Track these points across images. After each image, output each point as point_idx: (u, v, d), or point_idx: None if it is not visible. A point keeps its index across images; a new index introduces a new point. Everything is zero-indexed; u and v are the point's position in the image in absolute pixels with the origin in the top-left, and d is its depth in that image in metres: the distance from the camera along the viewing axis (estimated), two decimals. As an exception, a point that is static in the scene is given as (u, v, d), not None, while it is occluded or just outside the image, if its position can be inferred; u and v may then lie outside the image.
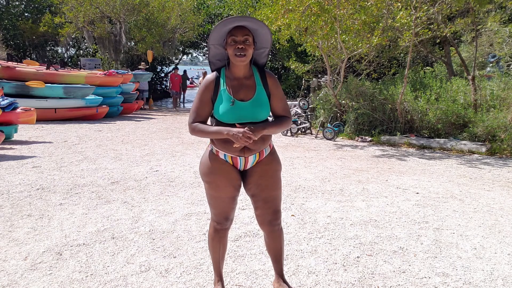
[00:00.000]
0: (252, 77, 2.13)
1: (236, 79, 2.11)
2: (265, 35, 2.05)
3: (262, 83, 2.14)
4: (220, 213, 2.24)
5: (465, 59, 9.74)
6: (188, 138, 8.32)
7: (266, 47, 2.13)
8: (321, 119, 9.81)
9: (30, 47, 20.41)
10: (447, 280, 2.63)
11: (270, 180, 2.21)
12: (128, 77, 12.38)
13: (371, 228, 3.53)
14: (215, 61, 2.16)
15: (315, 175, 5.44)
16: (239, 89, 2.09)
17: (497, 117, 7.43)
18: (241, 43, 1.99)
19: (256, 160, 2.19)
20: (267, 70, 2.19)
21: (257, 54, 2.15)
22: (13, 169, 5.37)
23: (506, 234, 3.45)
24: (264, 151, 2.20)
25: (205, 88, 2.10)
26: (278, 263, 2.36)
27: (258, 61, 2.19)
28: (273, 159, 2.25)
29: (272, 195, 2.22)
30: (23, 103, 8.67)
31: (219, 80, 2.11)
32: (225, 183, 2.15)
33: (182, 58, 23.78)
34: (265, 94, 2.13)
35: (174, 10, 16.18)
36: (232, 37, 1.99)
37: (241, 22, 1.98)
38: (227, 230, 2.33)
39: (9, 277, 2.58)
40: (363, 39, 8.31)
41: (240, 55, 1.99)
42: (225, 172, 2.15)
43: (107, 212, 3.81)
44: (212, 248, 2.33)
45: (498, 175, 5.61)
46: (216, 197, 2.19)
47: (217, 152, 2.16)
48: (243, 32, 1.99)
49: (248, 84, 2.11)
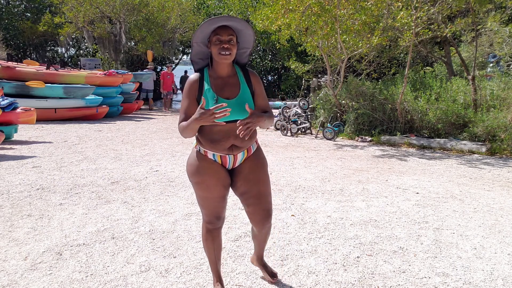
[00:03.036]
0: (235, 75, 2.16)
1: (219, 77, 2.13)
2: (249, 36, 2.09)
3: (246, 81, 2.16)
4: (211, 213, 2.25)
5: (465, 59, 9.74)
6: (188, 138, 8.31)
7: (248, 48, 2.17)
8: (321, 119, 9.81)
9: (30, 47, 20.42)
10: (447, 280, 2.63)
11: (259, 174, 2.24)
12: (128, 77, 12.38)
13: (371, 228, 3.53)
14: (197, 60, 2.17)
15: (315, 175, 5.44)
16: (224, 88, 2.11)
17: (497, 117, 7.43)
18: (226, 42, 2.00)
19: (244, 157, 2.23)
20: (249, 69, 2.22)
21: (239, 54, 2.17)
22: (13, 169, 5.37)
23: (506, 234, 3.45)
24: (252, 148, 2.25)
25: (190, 88, 2.11)
26: (260, 248, 2.52)
27: (240, 61, 2.21)
28: (259, 155, 2.29)
29: (263, 191, 2.24)
30: (23, 103, 8.67)
31: (203, 80, 2.12)
32: (215, 182, 2.17)
33: (182, 58, 23.76)
34: (249, 92, 2.15)
35: (174, 10, 16.18)
36: (217, 36, 2.01)
37: (227, 22, 2.00)
38: (219, 229, 2.33)
39: (9, 277, 2.58)
40: (363, 39, 8.30)
41: (224, 54, 2.01)
42: (214, 171, 2.17)
43: (107, 212, 3.81)
44: (207, 248, 2.34)
45: (498, 175, 5.61)
46: (207, 197, 2.20)
47: (205, 152, 2.18)
48: (228, 32, 2.01)
49: (232, 82, 2.13)
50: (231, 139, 2.10)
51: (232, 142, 2.11)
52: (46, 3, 19.56)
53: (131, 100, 13.18)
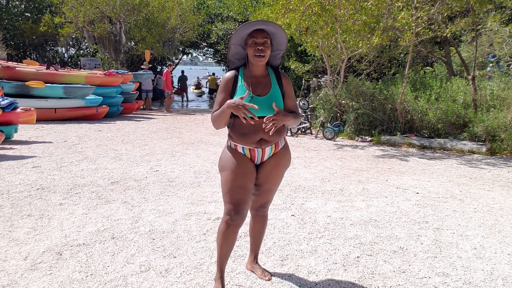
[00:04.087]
0: (268, 76, 2.31)
1: (253, 77, 2.28)
2: (282, 38, 2.23)
3: (277, 82, 2.31)
4: (233, 203, 2.26)
5: (465, 59, 9.74)
6: (188, 138, 8.32)
7: (281, 50, 2.31)
8: (321, 119, 9.81)
9: (30, 47, 20.40)
10: (447, 280, 2.63)
11: (278, 173, 2.38)
12: (128, 77, 12.38)
13: (371, 228, 3.53)
14: (234, 60, 2.33)
15: (315, 175, 5.44)
16: (256, 86, 2.25)
17: (497, 117, 7.43)
18: (261, 44, 2.16)
19: (272, 152, 2.33)
20: (281, 72, 2.38)
21: (273, 56, 2.32)
22: (13, 169, 5.37)
23: (506, 234, 3.45)
24: (280, 143, 2.35)
25: (225, 84, 2.28)
26: (256, 246, 2.62)
27: (273, 62, 2.36)
28: (286, 153, 2.40)
29: (272, 189, 2.42)
30: (23, 103, 8.67)
31: (238, 77, 2.28)
32: (242, 173, 2.27)
33: (182, 58, 23.77)
34: (280, 92, 2.28)
35: (174, 10, 16.17)
36: (252, 39, 2.16)
37: (262, 26, 2.16)
38: (237, 228, 2.31)
39: (9, 277, 2.58)
40: (363, 39, 8.30)
41: (259, 56, 2.16)
42: (243, 164, 2.28)
43: (107, 212, 3.81)
44: (219, 243, 2.35)
45: (498, 175, 5.61)
46: (232, 185, 2.26)
47: (235, 146, 2.30)
48: (263, 35, 2.16)
49: (264, 81, 2.28)
50: (260, 133, 2.22)
51: (261, 136, 2.22)
52: (46, 3, 19.56)
53: (131, 100, 13.18)
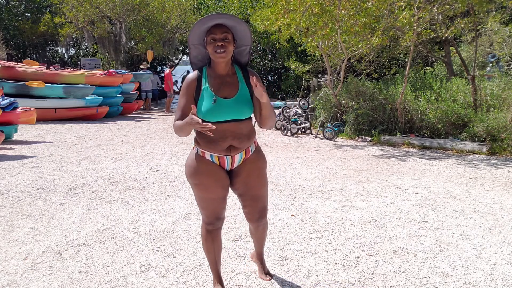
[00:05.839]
0: (234, 75, 2.14)
1: (218, 77, 2.11)
2: (244, 31, 2.07)
3: (245, 81, 2.14)
4: (211, 214, 2.23)
5: (465, 59, 9.74)
6: (188, 138, 8.32)
7: (247, 45, 2.14)
8: (321, 119, 9.81)
9: (30, 47, 20.41)
10: (447, 280, 2.63)
11: (257, 179, 2.24)
12: (128, 77, 12.38)
13: (371, 228, 3.53)
14: (196, 62, 2.18)
15: (315, 175, 5.44)
16: (222, 87, 2.09)
17: (497, 117, 7.43)
18: (220, 40, 2.00)
19: (242, 159, 2.20)
20: (249, 69, 2.21)
21: (238, 52, 2.16)
22: (13, 169, 5.37)
23: (506, 234, 3.45)
24: (250, 149, 2.21)
25: (187, 87, 2.11)
26: (260, 245, 2.57)
27: (240, 60, 2.20)
28: (259, 157, 2.27)
29: (260, 194, 2.27)
30: (23, 103, 8.66)
31: (201, 79, 2.10)
32: (214, 183, 2.15)
33: (182, 58, 23.76)
34: (248, 91, 2.13)
35: (174, 10, 16.18)
36: (211, 35, 2.01)
37: (218, 20, 2.00)
38: (219, 230, 2.32)
39: (9, 277, 2.58)
40: (364, 39, 8.30)
41: (219, 52, 2.00)
42: (213, 172, 2.15)
43: (107, 212, 3.81)
44: (207, 249, 2.33)
45: (498, 175, 5.61)
46: (206, 198, 2.18)
47: (203, 153, 2.15)
48: (222, 30, 2.01)
49: (231, 81, 2.11)
50: (228, 139, 2.07)
51: (229, 142, 2.08)
52: (46, 3, 19.56)
53: (131, 100, 13.18)
